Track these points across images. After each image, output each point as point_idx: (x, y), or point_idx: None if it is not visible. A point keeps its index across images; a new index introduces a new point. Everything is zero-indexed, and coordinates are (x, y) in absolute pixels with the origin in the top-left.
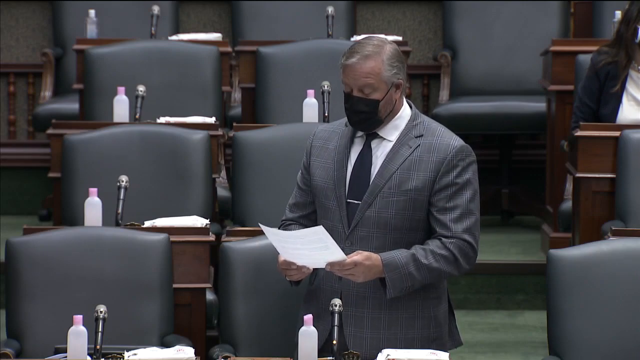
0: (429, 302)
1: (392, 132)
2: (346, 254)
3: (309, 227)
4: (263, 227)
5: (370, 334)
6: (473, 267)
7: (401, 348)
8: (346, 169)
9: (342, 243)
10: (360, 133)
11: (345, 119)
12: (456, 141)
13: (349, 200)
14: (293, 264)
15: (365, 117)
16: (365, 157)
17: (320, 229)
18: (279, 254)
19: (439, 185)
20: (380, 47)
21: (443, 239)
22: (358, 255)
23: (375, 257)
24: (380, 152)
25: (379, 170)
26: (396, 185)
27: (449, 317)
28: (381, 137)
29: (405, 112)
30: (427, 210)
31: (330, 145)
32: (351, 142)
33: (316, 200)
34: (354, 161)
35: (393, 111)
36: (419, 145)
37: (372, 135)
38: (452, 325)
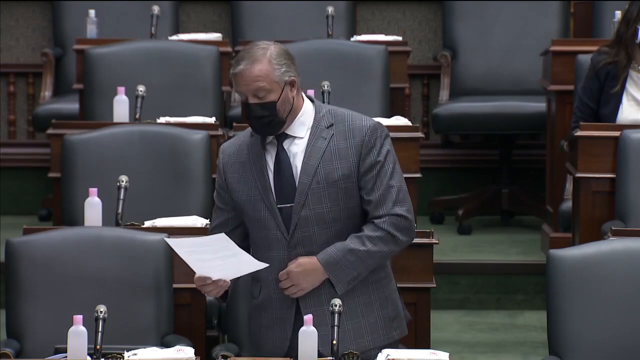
0: (380, 283)
1: (300, 129)
2: (289, 260)
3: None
4: (169, 241)
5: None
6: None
7: (367, 334)
8: (268, 176)
9: (285, 249)
10: (269, 139)
11: (249, 130)
12: (368, 121)
13: (279, 205)
14: (208, 278)
15: (267, 120)
16: (282, 159)
17: (222, 237)
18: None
19: (363, 169)
20: (265, 49)
21: (376, 221)
22: (290, 265)
23: (309, 260)
24: (295, 151)
25: (302, 169)
26: (323, 178)
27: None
28: (291, 136)
29: (308, 107)
30: (359, 196)
31: (242, 158)
32: (264, 150)
33: (245, 215)
34: (273, 167)
35: (293, 109)
36: (333, 134)
37: (282, 137)
38: (401, 301)
